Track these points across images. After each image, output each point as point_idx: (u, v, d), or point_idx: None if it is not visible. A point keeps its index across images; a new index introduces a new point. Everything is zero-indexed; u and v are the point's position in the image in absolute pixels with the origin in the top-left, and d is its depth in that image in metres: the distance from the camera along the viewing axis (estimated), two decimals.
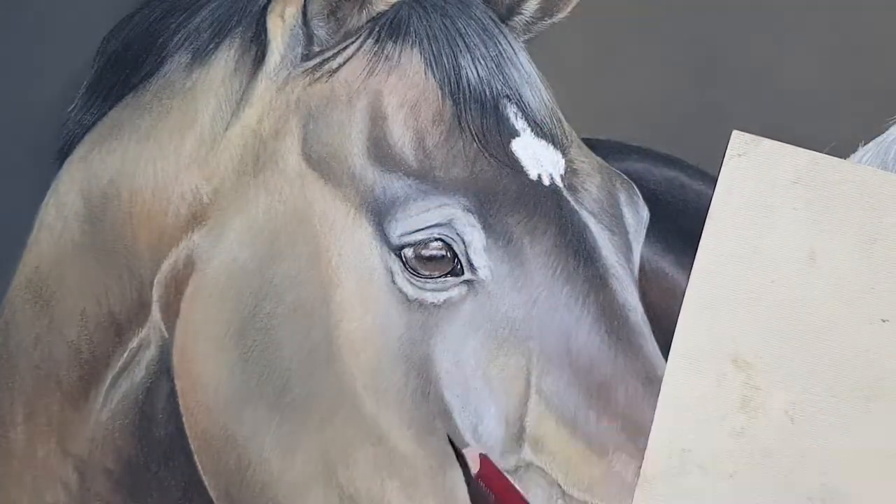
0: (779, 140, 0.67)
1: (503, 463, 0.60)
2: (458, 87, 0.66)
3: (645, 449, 0.61)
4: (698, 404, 0.62)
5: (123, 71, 0.71)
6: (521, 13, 0.71)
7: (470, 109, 0.65)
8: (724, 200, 0.66)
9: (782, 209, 0.65)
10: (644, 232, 0.68)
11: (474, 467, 0.60)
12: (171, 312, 0.66)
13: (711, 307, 0.64)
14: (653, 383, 0.62)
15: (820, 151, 0.67)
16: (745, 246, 0.65)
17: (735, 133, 0.67)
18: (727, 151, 0.67)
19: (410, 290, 0.62)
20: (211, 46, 0.69)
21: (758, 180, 0.66)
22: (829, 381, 0.62)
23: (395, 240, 0.63)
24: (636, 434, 0.61)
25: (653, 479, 0.60)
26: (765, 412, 0.62)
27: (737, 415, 0.59)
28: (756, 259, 0.65)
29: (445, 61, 0.66)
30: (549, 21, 0.71)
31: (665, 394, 0.62)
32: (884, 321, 0.63)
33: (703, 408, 0.62)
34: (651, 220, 0.68)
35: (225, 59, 0.69)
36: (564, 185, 0.65)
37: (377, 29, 0.67)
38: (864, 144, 0.67)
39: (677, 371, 0.62)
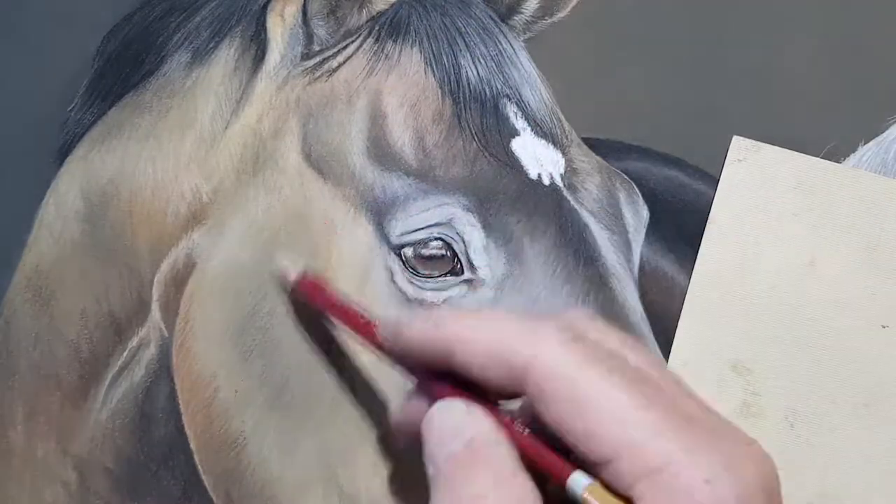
0: (778, 139, 0.67)
1: None
2: (458, 86, 0.65)
3: None
4: None
5: (123, 70, 0.71)
6: (521, 12, 0.70)
7: (470, 108, 0.65)
8: (724, 206, 0.66)
9: (782, 215, 0.65)
10: (644, 232, 0.68)
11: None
12: (170, 311, 0.66)
13: (711, 313, 0.64)
14: None
15: (820, 151, 0.67)
16: (744, 252, 0.65)
17: (735, 138, 0.67)
18: (727, 157, 0.67)
19: (410, 290, 0.62)
20: (211, 45, 0.69)
21: (758, 186, 0.66)
22: (829, 387, 0.62)
23: (395, 239, 0.62)
24: None
25: None
26: (764, 418, 0.62)
27: (736, 421, 0.58)
28: (756, 265, 0.64)
29: (445, 60, 0.66)
30: (550, 20, 0.71)
31: None
32: (884, 327, 0.63)
33: None
34: (651, 219, 0.68)
35: (225, 59, 0.69)
36: (564, 185, 0.65)
37: (377, 28, 0.67)
38: (865, 144, 0.67)
39: None
